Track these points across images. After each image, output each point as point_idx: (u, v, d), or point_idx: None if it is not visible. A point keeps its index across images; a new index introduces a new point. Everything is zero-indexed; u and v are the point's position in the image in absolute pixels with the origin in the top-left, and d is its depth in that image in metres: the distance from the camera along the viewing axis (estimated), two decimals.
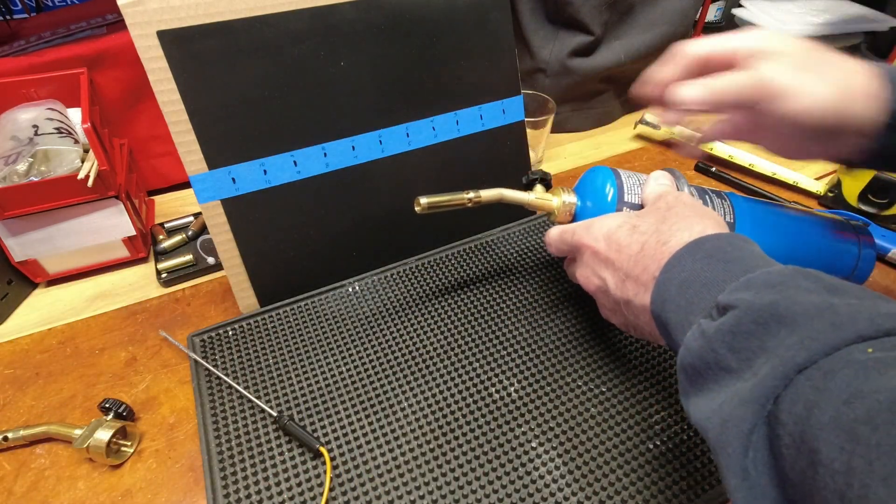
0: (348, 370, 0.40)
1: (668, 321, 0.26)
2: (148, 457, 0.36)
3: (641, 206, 0.37)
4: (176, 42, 0.36)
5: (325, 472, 0.33)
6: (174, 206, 0.59)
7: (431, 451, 0.35)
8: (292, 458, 0.35)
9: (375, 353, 0.41)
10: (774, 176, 0.61)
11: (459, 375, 0.39)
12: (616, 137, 0.70)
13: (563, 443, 0.35)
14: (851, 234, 0.41)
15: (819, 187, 0.59)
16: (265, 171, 0.41)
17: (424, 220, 0.45)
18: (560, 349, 0.41)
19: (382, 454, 0.35)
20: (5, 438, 0.36)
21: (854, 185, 0.55)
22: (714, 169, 0.63)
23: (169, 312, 0.46)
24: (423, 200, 0.36)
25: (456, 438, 0.35)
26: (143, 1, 0.34)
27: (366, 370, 0.40)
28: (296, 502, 0.32)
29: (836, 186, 0.57)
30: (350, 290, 0.46)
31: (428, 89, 0.46)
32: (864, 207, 0.55)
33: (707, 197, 0.39)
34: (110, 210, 0.46)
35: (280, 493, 0.33)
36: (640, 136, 0.70)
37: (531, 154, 0.56)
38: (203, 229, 0.54)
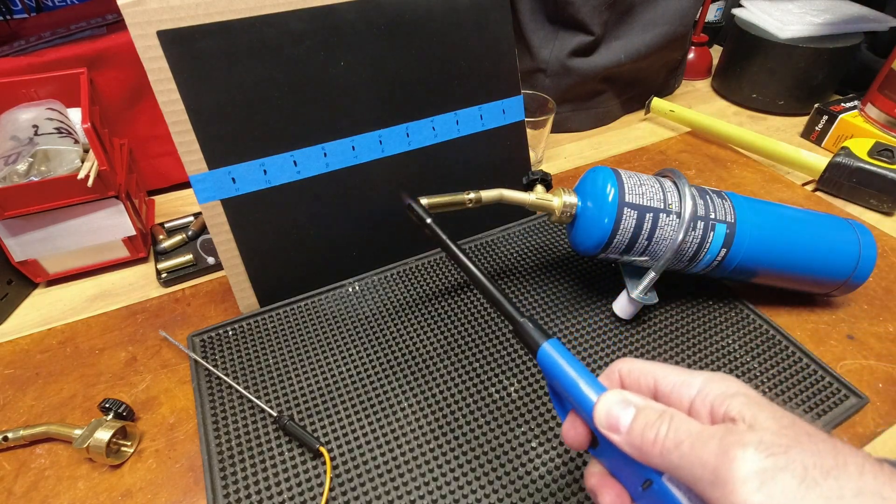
0: (348, 370, 0.40)
1: None
2: (148, 457, 0.36)
3: (643, 207, 0.37)
4: (176, 42, 0.36)
5: (325, 472, 0.33)
6: (174, 206, 0.59)
7: (431, 451, 0.35)
8: (292, 458, 0.35)
9: (375, 353, 0.41)
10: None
11: (459, 375, 0.39)
12: (616, 137, 0.70)
13: (563, 443, 0.35)
14: (851, 234, 0.41)
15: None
16: (265, 171, 0.41)
17: None
18: None
19: (382, 454, 0.35)
20: (5, 438, 0.36)
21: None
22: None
23: (169, 312, 0.46)
24: (424, 201, 0.36)
25: (456, 438, 0.35)
26: (143, 1, 0.34)
27: (366, 370, 0.40)
28: (296, 502, 0.32)
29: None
30: (350, 290, 0.46)
31: (428, 89, 0.46)
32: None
33: (707, 197, 0.39)
34: (110, 210, 0.47)
35: (280, 493, 0.33)
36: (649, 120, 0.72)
37: (531, 154, 0.56)
38: (203, 229, 0.54)
